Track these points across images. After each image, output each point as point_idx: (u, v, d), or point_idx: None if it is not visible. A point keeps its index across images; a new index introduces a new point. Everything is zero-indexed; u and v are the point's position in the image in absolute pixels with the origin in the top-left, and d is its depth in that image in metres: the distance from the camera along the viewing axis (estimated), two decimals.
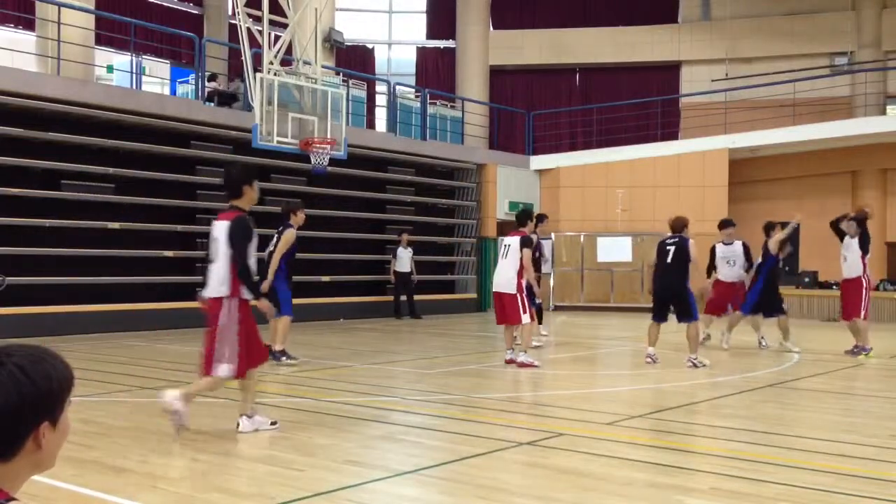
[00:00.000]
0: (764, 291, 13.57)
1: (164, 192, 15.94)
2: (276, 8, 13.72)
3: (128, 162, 15.50)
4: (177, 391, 6.41)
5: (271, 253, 10.94)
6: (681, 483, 5.22)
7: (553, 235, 23.48)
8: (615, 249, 22.96)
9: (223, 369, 6.47)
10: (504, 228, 23.75)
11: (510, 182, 23.22)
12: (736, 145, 22.77)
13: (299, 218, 11.19)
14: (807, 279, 22.12)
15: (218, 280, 6.57)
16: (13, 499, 1.58)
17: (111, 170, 15.13)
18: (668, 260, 11.42)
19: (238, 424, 6.63)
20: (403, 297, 19.30)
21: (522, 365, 10.81)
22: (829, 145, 23.15)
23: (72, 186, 14.79)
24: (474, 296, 22.39)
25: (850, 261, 13.19)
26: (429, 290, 20.56)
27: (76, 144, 14.86)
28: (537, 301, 13.73)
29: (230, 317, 6.50)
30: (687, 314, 11.41)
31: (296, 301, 18.24)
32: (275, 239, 11.08)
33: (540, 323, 14.23)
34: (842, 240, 13.42)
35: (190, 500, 4.80)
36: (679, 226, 11.71)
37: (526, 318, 10.90)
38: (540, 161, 24.27)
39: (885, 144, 22.73)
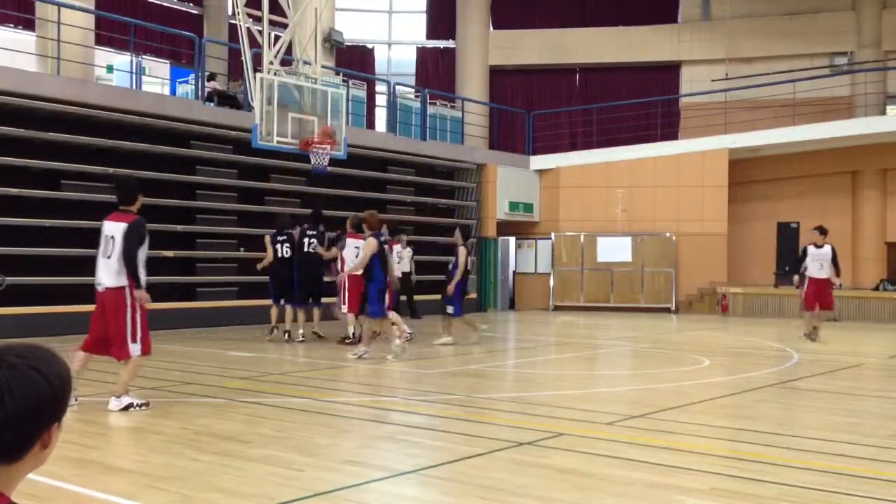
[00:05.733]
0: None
1: (164, 192, 15.94)
2: (276, 8, 13.72)
3: (128, 162, 15.49)
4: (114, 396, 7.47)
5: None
6: (681, 483, 5.22)
7: (553, 235, 23.50)
8: (615, 249, 22.97)
9: (135, 349, 7.50)
10: (504, 228, 23.82)
11: (510, 182, 23.21)
12: (736, 145, 22.78)
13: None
14: None
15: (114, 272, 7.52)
16: (13, 502, 1.58)
17: (111, 170, 15.12)
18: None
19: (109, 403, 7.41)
20: (403, 297, 19.26)
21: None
22: (829, 145, 23.15)
23: (72, 186, 14.79)
24: (474, 296, 22.38)
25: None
26: (429, 291, 20.54)
27: (76, 144, 14.86)
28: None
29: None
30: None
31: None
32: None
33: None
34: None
35: (190, 500, 4.80)
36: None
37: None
38: (540, 161, 24.26)
39: (885, 144, 22.74)
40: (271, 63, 13.38)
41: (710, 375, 10.70)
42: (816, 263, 14.94)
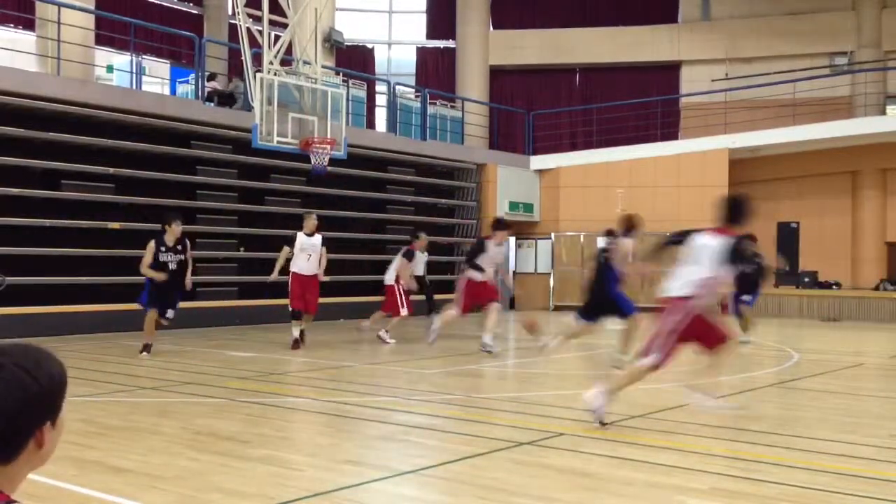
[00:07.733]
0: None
1: (164, 192, 15.94)
2: (276, 8, 13.72)
3: (128, 162, 15.49)
4: (596, 389, 6.85)
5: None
6: (681, 483, 5.22)
7: (553, 235, 23.49)
8: None
9: (649, 358, 6.89)
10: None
11: (510, 182, 23.21)
12: (736, 145, 22.76)
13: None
14: (807, 279, 22.11)
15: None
16: (13, 500, 1.57)
17: (111, 170, 15.13)
18: None
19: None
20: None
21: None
22: (829, 145, 23.14)
23: (72, 186, 14.79)
24: None
25: None
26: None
27: (76, 144, 14.86)
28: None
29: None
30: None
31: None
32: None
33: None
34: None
35: (190, 500, 4.80)
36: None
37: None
38: (540, 161, 24.26)
39: (885, 144, 22.73)
40: (271, 63, 13.38)
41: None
42: None
